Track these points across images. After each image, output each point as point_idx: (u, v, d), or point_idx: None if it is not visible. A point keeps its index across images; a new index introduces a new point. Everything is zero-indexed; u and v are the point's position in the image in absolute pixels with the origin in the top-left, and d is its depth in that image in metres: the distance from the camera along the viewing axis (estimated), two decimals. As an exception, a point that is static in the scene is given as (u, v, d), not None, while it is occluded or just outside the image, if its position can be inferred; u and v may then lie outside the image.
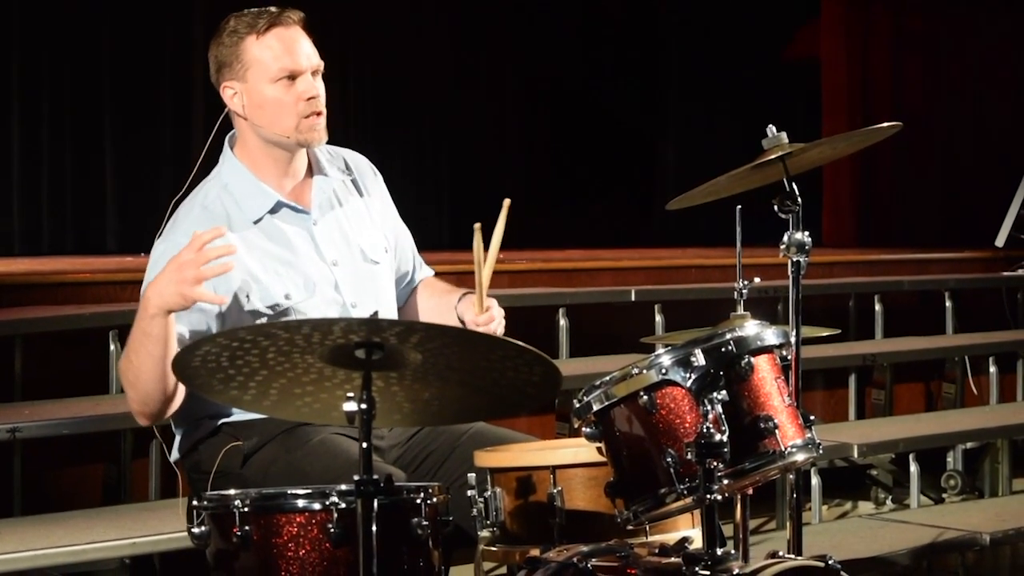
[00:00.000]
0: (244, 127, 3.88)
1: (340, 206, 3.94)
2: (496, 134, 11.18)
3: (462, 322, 3.90)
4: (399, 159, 10.60)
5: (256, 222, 3.82)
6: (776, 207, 3.81)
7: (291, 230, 3.84)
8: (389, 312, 3.94)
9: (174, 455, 3.90)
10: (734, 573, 3.15)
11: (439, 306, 4.03)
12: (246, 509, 3.16)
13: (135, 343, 3.56)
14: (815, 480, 6.15)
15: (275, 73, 3.79)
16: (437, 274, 4.23)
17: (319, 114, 3.82)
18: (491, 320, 3.80)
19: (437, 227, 10.70)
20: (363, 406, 2.97)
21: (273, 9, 3.84)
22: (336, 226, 3.91)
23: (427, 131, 10.80)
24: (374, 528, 2.97)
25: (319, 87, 3.83)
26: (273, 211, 3.84)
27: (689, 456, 3.23)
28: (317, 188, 3.91)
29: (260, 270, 3.77)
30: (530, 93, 11.40)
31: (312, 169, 3.93)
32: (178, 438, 3.86)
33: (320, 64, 3.85)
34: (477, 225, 3.72)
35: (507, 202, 3.75)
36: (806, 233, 3.81)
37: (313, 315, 3.76)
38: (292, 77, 3.80)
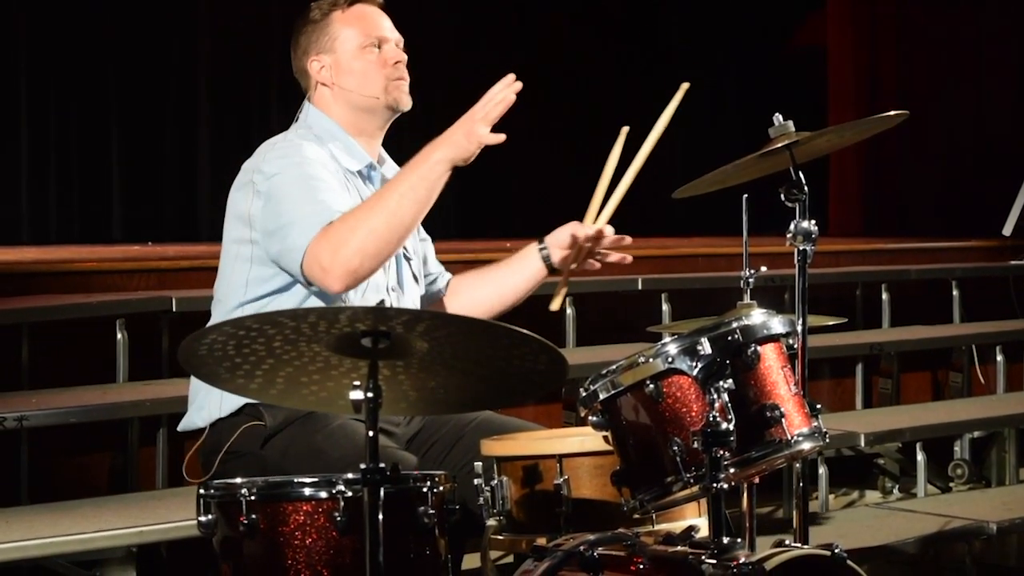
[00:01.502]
0: (330, 97, 3.93)
1: None
2: (501, 124, 11.17)
3: (550, 266, 4.02)
4: (405, 153, 10.60)
5: (355, 174, 3.90)
6: (783, 196, 3.81)
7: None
8: (412, 304, 3.97)
9: (183, 426, 3.91)
10: (740, 562, 3.15)
11: (503, 276, 4.08)
12: (253, 497, 3.16)
13: (402, 187, 3.63)
14: (822, 469, 6.14)
15: (362, 40, 3.92)
16: (446, 263, 4.25)
17: (404, 78, 3.95)
18: (603, 235, 3.88)
19: (444, 218, 10.71)
20: (369, 394, 2.97)
21: None
22: None
23: (432, 126, 10.80)
24: (380, 517, 2.97)
25: (404, 57, 3.96)
26: (362, 173, 3.92)
27: (695, 445, 3.23)
28: (388, 173, 3.99)
29: None
30: (536, 82, 11.38)
31: (381, 157, 4.03)
32: (196, 417, 3.87)
33: (401, 39, 3.98)
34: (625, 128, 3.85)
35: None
36: (812, 222, 3.80)
37: (370, 284, 3.79)
38: (379, 44, 3.92)
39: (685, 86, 3.82)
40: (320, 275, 3.61)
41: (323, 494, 3.15)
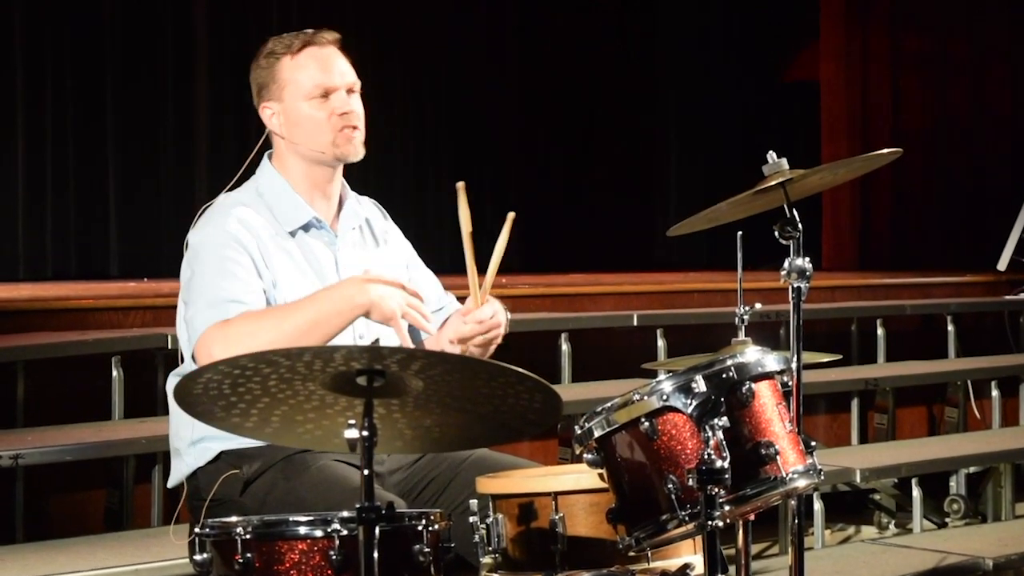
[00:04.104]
0: (283, 147, 3.93)
1: (362, 238, 4.01)
2: (498, 159, 11.21)
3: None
4: (399, 181, 10.62)
5: (290, 234, 3.87)
6: (777, 233, 3.81)
7: (319, 249, 3.90)
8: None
9: (172, 481, 3.90)
10: (736, 599, 3.15)
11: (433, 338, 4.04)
12: (248, 536, 3.16)
13: (315, 315, 3.64)
14: (818, 505, 6.14)
15: (309, 90, 3.85)
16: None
17: (354, 128, 3.88)
18: (484, 321, 3.81)
19: (439, 250, 10.70)
20: (365, 433, 2.97)
21: (309, 31, 3.91)
22: (355, 254, 3.97)
23: (427, 156, 10.84)
24: (376, 555, 2.97)
25: (355, 104, 3.89)
26: (306, 227, 3.89)
27: (690, 482, 3.23)
28: (345, 217, 3.97)
29: (286, 282, 3.81)
30: (533, 119, 11.43)
31: (342, 199, 3.98)
32: (177, 464, 3.87)
33: (356, 82, 3.91)
34: (460, 184, 3.75)
35: (511, 215, 3.80)
36: (807, 259, 3.80)
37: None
38: (326, 94, 3.86)
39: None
40: (207, 361, 3.58)
41: (318, 532, 3.14)
